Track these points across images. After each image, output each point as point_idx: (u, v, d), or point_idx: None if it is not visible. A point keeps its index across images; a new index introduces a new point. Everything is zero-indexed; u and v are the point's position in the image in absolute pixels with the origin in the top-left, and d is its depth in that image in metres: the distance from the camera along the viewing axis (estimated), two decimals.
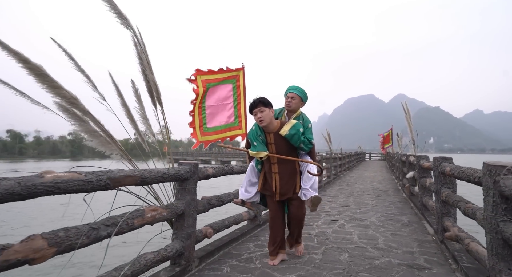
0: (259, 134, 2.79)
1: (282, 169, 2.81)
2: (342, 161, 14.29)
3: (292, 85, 3.04)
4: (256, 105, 2.71)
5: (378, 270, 2.76)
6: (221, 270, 2.78)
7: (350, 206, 5.99)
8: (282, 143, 2.77)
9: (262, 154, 2.73)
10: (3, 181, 1.42)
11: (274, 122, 2.77)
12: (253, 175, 2.97)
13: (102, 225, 1.95)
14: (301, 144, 2.76)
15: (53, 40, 2.23)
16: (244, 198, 2.95)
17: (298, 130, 2.72)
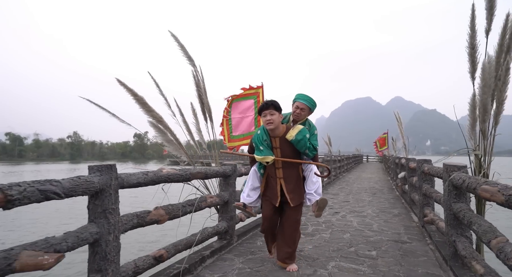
0: (264, 138, 2.76)
1: (287, 174, 2.77)
2: (341, 163, 15.27)
3: (301, 94, 2.93)
4: (268, 107, 2.67)
5: (372, 243, 3.73)
6: (255, 243, 3.75)
7: (350, 202, 6.97)
8: (287, 148, 2.74)
9: (269, 158, 2.70)
10: (150, 173, 2.39)
11: (280, 126, 2.74)
12: (256, 180, 2.92)
13: (186, 204, 2.92)
14: (307, 150, 2.73)
15: (149, 74, 3.20)
16: (246, 203, 2.91)
17: (305, 136, 2.70)
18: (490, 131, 2.86)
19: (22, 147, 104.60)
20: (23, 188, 1.52)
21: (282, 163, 2.76)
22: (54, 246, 1.66)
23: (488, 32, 2.55)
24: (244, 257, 3.22)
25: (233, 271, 2.85)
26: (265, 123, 2.69)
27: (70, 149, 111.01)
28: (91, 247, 2.00)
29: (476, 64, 2.65)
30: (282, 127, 2.76)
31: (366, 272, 2.80)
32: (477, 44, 2.60)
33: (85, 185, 1.87)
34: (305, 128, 2.78)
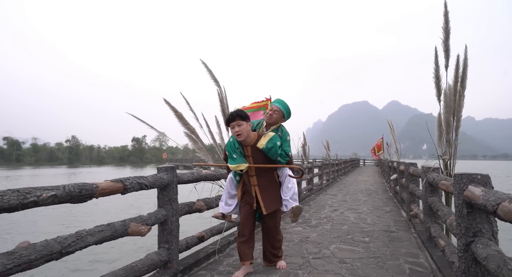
0: (237, 146, 2.73)
1: (261, 181, 2.76)
2: (339, 167, 16.07)
3: (279, 98, 2.96)
4: (233, 118, 2.64)
5: (365, 232, 4.50)
6: None
7: (347, 201, 7.74)
8: (259, 156, 2.71)
9: (243, 166, 2.68)
10: (195, 173, 3.16)
11: (251, 134, 2.71)
12: (232, 187, 2.90)
13: (218, 198, 3.68)
14: (278, 157, 2.70)
15: (182, 94, 3.97)
16: (225, 212, 2.89)
17: (275, 144, 2.68)
18: (453, 141, 3.65)
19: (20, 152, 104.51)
20: (131, 181, 2.29)
21: (255, 170, 2.74)
22: (146, 221, 2.42)
23: (446, 67, 3.37)
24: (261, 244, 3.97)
25: (255, 251, 3.59)
26: (234, 134, 2.69)
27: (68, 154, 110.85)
28: (160, 225, 2.76)
29: (440, 90, 3.45)
30: (253, 135, 2.74)
31: (360, 251, 3.56)
32: (440, 75, 3.41)
33: (160, 180, 2.63)
34: (276, 135, 2.76)
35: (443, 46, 3.31)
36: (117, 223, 2.23)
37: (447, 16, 3.21)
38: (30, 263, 1.59)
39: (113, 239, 2.18)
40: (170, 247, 2.75)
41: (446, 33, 3.22)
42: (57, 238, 1.79)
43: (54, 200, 1.76)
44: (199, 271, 2.99)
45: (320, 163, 11.38)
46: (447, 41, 3.25)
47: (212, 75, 4.20)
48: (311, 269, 2.98)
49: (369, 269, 2.97)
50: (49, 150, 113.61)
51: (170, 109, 3.71)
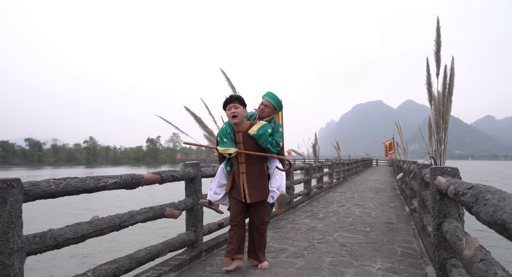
0: (228, 132, 2.77)
1: (249, 169, 2.77)
2: (349, 166, 16.40)
3: (268, 92, 2.98)
4: (232, 100, 2.71)
5: (368, 224, 4.94)
6: (279, 223, 5.01)
7: (355, 198, 8.15)
8: (250, 143, 2.75)
9: (231, 150, 2.71)
10: (215, 168, 3.70)
11: (244, 122, 2.76)
12: (223, 177, 2.93)
13: None
14: (268, 145, 2.72)
15: (202, 101, 4.53)
16: (212, 200, 2.91)
17: (266, 131, 2.72)
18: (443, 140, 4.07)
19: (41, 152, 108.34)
20: (166, 173, 2.86)
21: (245, 158, 2.76)
22: (177, 207, 2.98)
23: (437, 75, 3.80)
24: (273, 232, 4.48)
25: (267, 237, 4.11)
26: (229, 116, 2.72)
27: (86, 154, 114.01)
28: (188, 212, 3.32)
29: (432, 96, 3.89)
30: (246, 123, 2.79)
31: (360, 238, 4.03)
32: (432, 82, 3.86)
33: (187, 174, 3.19)
34: (268, 124, 2.82)
35: (435, 56, 3.77)
36: (157, 207, 2.80)
37: (439, 30, 3.66)
38: (102, 231, 2.17)
39: (154, 219, 2.76)
40: (196, 230, 3.31)
41: (437, 45, 3.68)
42: (117, 215, 2.36)
43: (115, 185, 2.34)
44: (219, 252, 3.53)
45: (330, 163, 11.79)
46: (439, 52, 3.71)
47: (229, 82, 4.75)
48: (315, 250, 3.48)
49: (365, 251, 3.44)
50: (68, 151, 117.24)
51: (190, 114, 4.28)
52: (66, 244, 1.99)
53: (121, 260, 2.39)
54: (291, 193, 6.60)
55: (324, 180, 10.52)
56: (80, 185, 2.09)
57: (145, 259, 2.62)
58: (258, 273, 2.79)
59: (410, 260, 3.15)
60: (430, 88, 3.84)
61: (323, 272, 2.79)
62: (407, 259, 3.18)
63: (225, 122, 2.88)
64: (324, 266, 2.94)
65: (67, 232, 1.99)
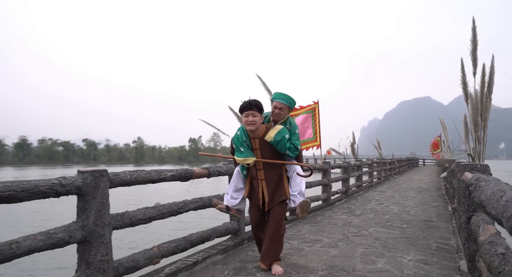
0: (244, 139, 2.66)
1: (268, 175, 2.69)
2: (391, 166, 15.91)
3: (279, 92, 2.80)
4: (251, 107, 2.58)
5: (405, 221, 4.99)
6: (316, 219, 5.25)
7: (395, 197, 8.07)
8: (267, 149, 2.65)
9: (250, 160, 2.62)
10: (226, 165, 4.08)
11: (260, 127, 2.65)
12: (239, 181, 2.85)
13: None
14: (287, 151, 2.64)
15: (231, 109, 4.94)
16: (230, 205, 2.84)
17: (284, 136, 2.61)
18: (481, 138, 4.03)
19: (96, 152, 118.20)
20: (213, 169, 3.28)
21: (263, 164, 2.69)
22: (222, 198, 3.39)
23: (474, 74, 3.78)
24: (309, 226, 4.75)
25: (304, 230, 4.40)
26: (245, 123, 2.60)
27: (135, 153, 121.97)
28: None
29: (468, 94, 3.88)
30: (262, 127, 2.67)
31: (395, 233, 4.15)
32: (467, 81, 3.85)
33: (231, 169, 3.58)
34: (285, 128, 2.69)
35: (471, 56, 3.77)
36: (205, 197, 3.24)
37: (475, 30, 3.65)
38: (163, 215, 2.64)
39: (203, 208, 3.20)
40: (239, 220, 3.70)
41: (474, 45, 3.67)
42: (174, 203, 2.83)
43: (172, 178, 2.80)
44: None
45: (370, 162, 11.65)
46: (475, 52, 3.70)
47: (265, 86, 5.10)
48: (349, 242, 3.70)
49: (399, 245, 3.58)
50: (119, 150, 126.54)
51: (234, 114, 4.69)
52: (138, 223, 2.48)
53: (178, 241, 2.85)
54: (328, 191, 6.78)
55: (364, 179, 10.46)
56: (147, 176, 2.57)
57: (197, 241, 3.06)
58: (294, 258, 3.09)
59: (444, 254, 3.25)
60: (465, 87, 3.84)
61: (355, 260, 3.02)
62: (441, 253, 3.28)
63: (239, 128, 2.73)
64: (357, 255, 3.16)
65: (138, 214, 2.48)
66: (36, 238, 1.77)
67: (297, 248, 3.48)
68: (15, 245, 1.66)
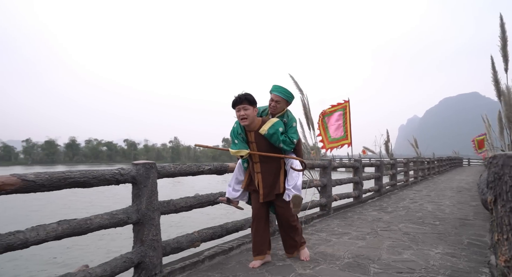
0: (239, 132, 2.68)
1: (264, 168, 2.70)
2: (430, 165, 15.27)
3: (275, 85, 2.79)
4: (241, 101, 2.57)
5: (439, 219, 4.94)
6: (346, 215, 5.36)
7: (431, 196, 7.86)
8: (263, 142, 2.66)
9: (243, 152, 2.63)
10: None
11: (256, 120, 2.65)
12: (240, 173, 2.89)
13: (303, 182, 4.75)
14: (281, 144, 2.63)
15: None
16: (231, 197, 2.88)
17: (277, 130, 2.60)
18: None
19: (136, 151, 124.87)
20: None
21: (259, 157, 2.70)
22: None
23: (506, 70, 3.71)
24: (339, 220, 4.89)
25: (333, 224, 4.56)
26: (239, 118, 2.63)
27: (171, 153, 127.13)
28: None
29: (500, 91, 3.82)
30: (257, 120, 2.68)
31: (426, 229, 4.16)
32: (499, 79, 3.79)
33: None
34: (280, 121, 2.69)
35: (501, 52, 3.71)
36: None
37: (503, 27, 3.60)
38: (202, 204, 2.97)
39: None
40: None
41: (503, 41, 3.63)
42: (211, 194, 3.15)
43: (209, 171, 3.12)
44: None
45: (405, 160, 11.34)
46: (505, 48, 3.65)
47: (297, 85, 5.31)
48: (377, 235, 3.80)
49: (428, 239, 3.62)
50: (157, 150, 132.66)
51: None
52: (180, 210, 2.83)
53: (215, 228, 3.17)
54: (360, 188, 6.82)
55: (399, 178, 10.25)
56: (188, 169, 2.91)
57: (232, 229, 3.36)
58: (322, 248, 3.29)
59: (475, 249, 3.26)
60: (497, 84, 3.79)
61: (381, 251, 3.15)
62: (471, 248, 3.29)
63: (236, 121, 2.75)
64: (383, 247, 3.28)
65: (181, 202, 2.83)
66: (103, 217, 2.17)
67: (325, 239, 3.66)
68: (89, 221, 2.06)
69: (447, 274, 2.55)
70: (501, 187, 0.89)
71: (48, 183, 1.86)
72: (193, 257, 2.90)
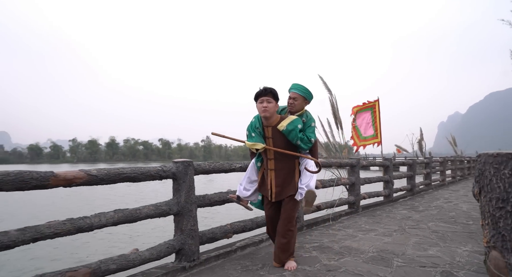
0: (257, 126, 2.68)
1: (278, 166, 2.66)
2: (470, 164, 14.51)
3: (294, 83, 2.82)
4: (266, 93, 2.58)
5: (473, 218, 4.83)
6: (375, 212, 5.40)
7: (468, 196, 7.57)
8: (280, 139, 2.64)
9: (259, 146, 2.61)
10: None
11: (275, 116, 2.66)
12: (253, 173, 2.86)
13: (330, 180, 4.88)
14: (298, 141, 2.60)
15: None
16: (241, 196, 2.85)
17: (296, 126, 2.59)
18: None
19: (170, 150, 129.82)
20: None
21: (274, 154, 2.66)
22: None
23: None
24: (367, 218, 4.95)
25: (360, 221, 4.64)
26: (260, 109, 2.60)
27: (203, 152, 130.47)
28: None
29: None
30: (276, 117, 2.68)
31: (456, 228, 4.12)
32: None
33: None
34: (299, 119, 2.68)
35: None
36: None
37: None
38: (223, 202, 3.24)
39: None
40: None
41: None
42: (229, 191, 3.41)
43: (240, 169, 3.38)
44: (317, 229, 4.28)
45: (441, 159, 10.92)
46: None
47: (326, 86, 5.43)
48: (404, 232, 3.86)
49: (458, 238, 3.61)
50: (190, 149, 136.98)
51: None
52: (215, 204, 3.12)
53: (246, 221, 3.43)
54: (390, 187, 6.77)
55: (434, 178, 9.93)
56: (221, 167, 3.19)
57: (261, 223, 3.59)
58: (348, 242, 3.43)
59: None
60: None
61: (406, 247, 3.23)
62: None
63: (254, 116, 2.75)
64: (409, 243, 3.35)
65: (215, 197, 3.11)
66: (149, 208, 2.50)
67: (351, 235, 3.79)
68: (138, 211, 2.40)
69: (472, 270, 2.60)
70: (483, 181, 1.02)
71: (106, 177, 2.21)
72: (226, 247, 3.18)
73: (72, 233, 1.99)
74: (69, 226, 1.96)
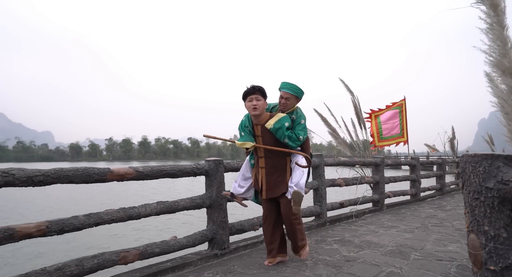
0: (246, 125, 2.70)
1: (269, 164, 2.69)
2: None
3: (284, 82, 2.76)
4: (254, 91, 2.58)
5: None
6: (400, 211, 5.46)
7: None
8: (269, 137, 2.65)
9: (248, 144, 2.64)
10: (331, 159, 4.65)
11: (264, 114, 2.66)
12: (247, 170, 2.88)
13: (354, 179, 5.03)
14: (286, 139, 2.59)
15: (325, 104, 5.52)
16: (235, 192, 2.85)
17: (283, 125, 2.59)
18: None
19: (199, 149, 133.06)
20: None
21: (264, 152, 2.68)
22: (307, 186, 4.12)
23: None
24: (391, 215, 5.04)
25: (383, 218, 4.75)
26: (249, 108, 2.60)
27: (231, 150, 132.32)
28: (314, 191, 4.40)
29: None
30: (265, 115, 2.68)
31: None
32: None
33: (313, 162, 4.28)
34: (287, 116, 2.67)
35: None
36: None
37: None
38: None
39: None
40: (321, 205, 4.36)
41: None
42: None
43: None
44: (340, 225, 4.46)
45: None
46: None
47: (348, 88, 5.57)
48: (426, 229, 3.94)
49: None
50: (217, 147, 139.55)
51: (318, 115, 5.33)
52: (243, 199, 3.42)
53: None
54: (417, 186, 6.74)
55: None
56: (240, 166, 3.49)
57: None
58: (368, 237, 3.60)
59: None
60: None
61: (426, 242, 3.34)
62: None
63: (245, 115, 2.76)
64: (430, 240, 3.46)
65: None
66: (186, 201, 2.85)
67: (373, 230, 3.94)
68: (176, 203, 2.75)
69: None
70: (464, 177, 1.21)
71: (150, 173, 2.59)
72: (253, 239, 3.48)
73: (124, 220, 2.37)
74: (122, 214, 2.34)
